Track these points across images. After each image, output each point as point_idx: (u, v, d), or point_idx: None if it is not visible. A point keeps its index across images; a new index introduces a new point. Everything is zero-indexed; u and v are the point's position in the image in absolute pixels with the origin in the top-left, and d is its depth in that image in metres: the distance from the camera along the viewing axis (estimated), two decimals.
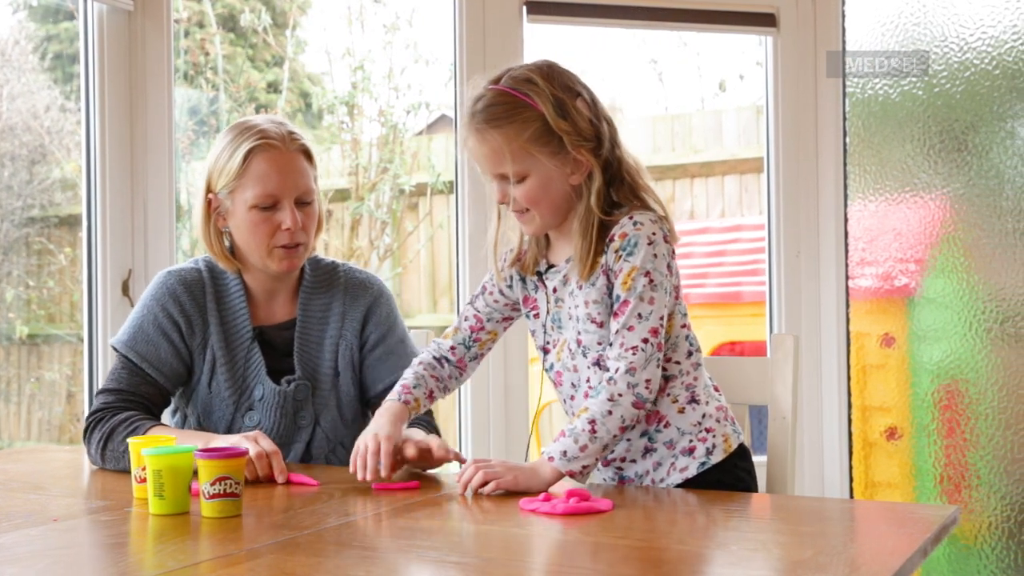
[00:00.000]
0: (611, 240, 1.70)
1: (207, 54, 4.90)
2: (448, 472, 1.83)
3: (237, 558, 1.25)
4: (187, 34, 4.92)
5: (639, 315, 1.66)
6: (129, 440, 1.64)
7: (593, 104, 1.73)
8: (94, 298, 2.63)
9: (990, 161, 2.87)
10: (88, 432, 1.90)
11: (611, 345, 1.68)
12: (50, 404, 4.83)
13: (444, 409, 4.45)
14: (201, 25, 5.07)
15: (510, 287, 1.86)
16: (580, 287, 1.73)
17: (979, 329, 2.87)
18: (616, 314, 1.68)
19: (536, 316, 1.84)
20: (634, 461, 1.76)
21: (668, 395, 1.74)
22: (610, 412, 1.64)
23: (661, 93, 5.60)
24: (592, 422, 1.64)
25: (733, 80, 5.33)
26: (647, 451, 1.75)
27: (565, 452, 1.63)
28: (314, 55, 5.67)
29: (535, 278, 1.82)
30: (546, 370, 1.84)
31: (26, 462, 2.05)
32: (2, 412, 4.81)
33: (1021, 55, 2.83)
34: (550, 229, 1.78)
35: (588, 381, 1.75)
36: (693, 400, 1.74)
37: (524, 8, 2.90)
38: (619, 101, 5.51)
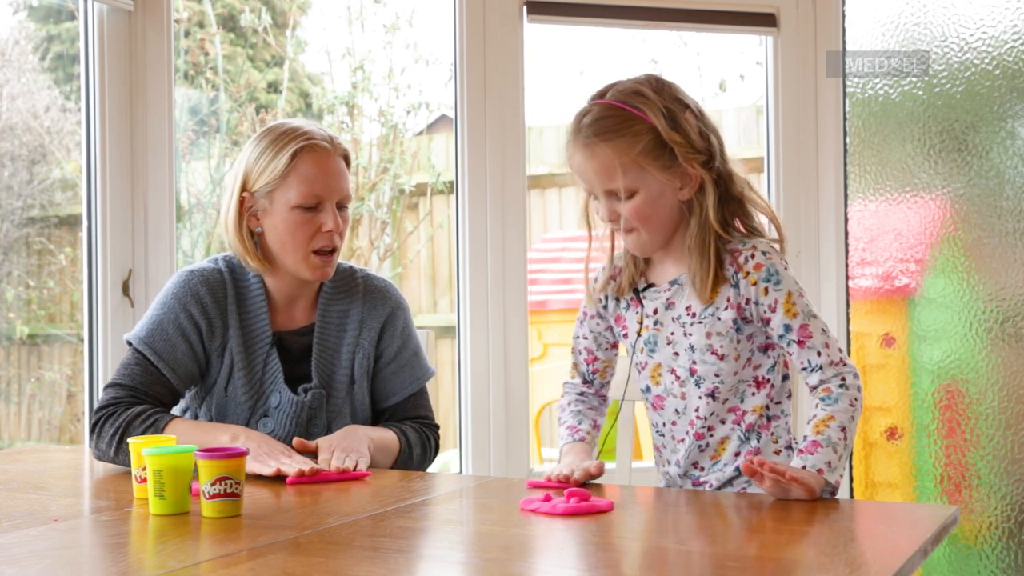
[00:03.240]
0: (739, 270, 1.67)
1: (207, 54, 4.89)
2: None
3: (238, 558, 1.25)
4: (187, 34, 4.92)
5: (822, 330, 1.67)
6: (129, 440, 1.64)
7: (701, 116, 1.70)
8: (94, 298, 2.63)
9: (990, 161, 2.87)
10: (98, 426, 1.86)
11: (811, 366, 1.65)
12: (50, 404, 4.83)
13: (444, 409, 4.45)
14: (201, 25, 5.07)
15: (605, 307, 1.83)
16: (694, 315, 1.71)
17: (979, 329, 2.87)
18: (801, 342, 1.65)
19: (625, 336, 1.81)
20: (722, 486, 1.77)
21: (771, 434, 1.75)
22: (853, 417, 1.63)
23: None
24: (844, 429, 1.60)
25: (733, 80, 5.33)
26: (737, 479, 1.75)
27: (830, 463, 1.57)
28: (314, 55, 5.67)
29: (630, 296, 1.79)
30: (642, 391, 1.81)
31: (26, 462, 2.05)
32: (2, 412, 4.81)
33: (1021, 55, 2.83)
34: (657, 249, 1.74)
35: (698, 411, 1.75)
36: (789, 447, 1.75)
37: (524, 8, 2.90)
38: None
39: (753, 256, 1.68)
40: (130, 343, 1.95)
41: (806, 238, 3.07)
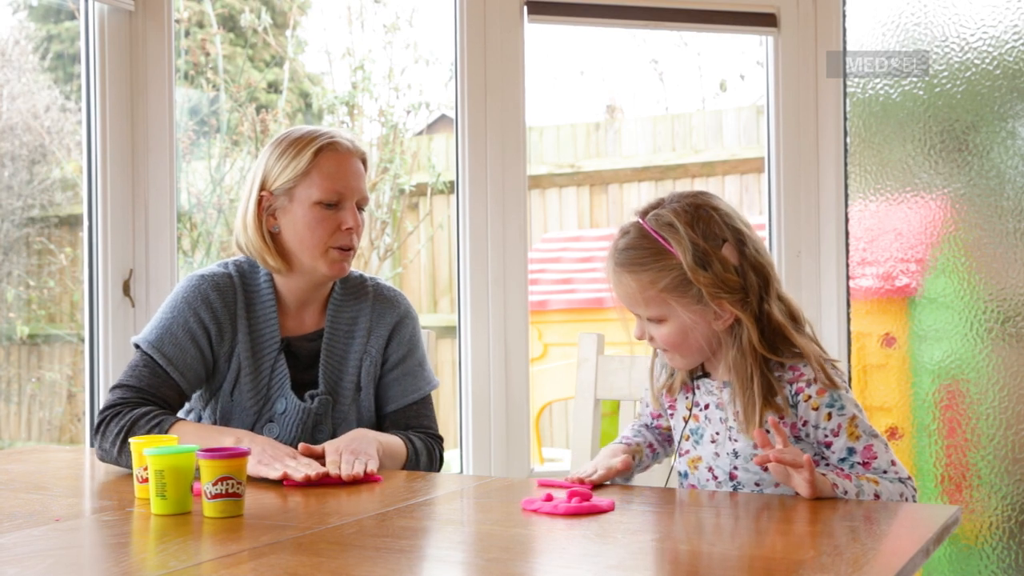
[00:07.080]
0: (799, 392, 1.63)
1: (207, 54, 4.90)
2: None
3: (239, 558, 1.25)
4: (187, 34, 4.92)
5: (885, 447, 1.65)
6: (131, 440, 1.64)
7: (741, 251, 1.63)
8: (95, 298, 2.63)
9: (991, 161, 2.87)
10: (102, 426, 1.85)
11: (879, 478, 1.62)
12: (50, 404, 4.84)
13: (445, 409, 4.45)
14: (201, 25, 5.07)
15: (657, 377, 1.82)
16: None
17: (980, 329, 2.87)
18: (866, 463, 1.62)
19: (671, 414, 1.79)
20: None
21: None
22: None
23: (661, 93, 5.61)
24: (877, 496, 1.59)
25: (733, 80, 5.33)
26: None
27: (847, 492, 1.56)
28: (314, 55, 5.68)
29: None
30: (680, 473, 1.78)
31: (27, 462, 2.05)
32: (2, 412, 4.82)
33: (1022, 55, 2.83)
34: (694, 366, 1.72)
35: None
36: None
37: (524, 8, 2.90)
38: (619, 101, 5.52)
39: (815, 381, 1.63)
40: (138, 346, 1.94)
41: (807, 238, 3.07)
